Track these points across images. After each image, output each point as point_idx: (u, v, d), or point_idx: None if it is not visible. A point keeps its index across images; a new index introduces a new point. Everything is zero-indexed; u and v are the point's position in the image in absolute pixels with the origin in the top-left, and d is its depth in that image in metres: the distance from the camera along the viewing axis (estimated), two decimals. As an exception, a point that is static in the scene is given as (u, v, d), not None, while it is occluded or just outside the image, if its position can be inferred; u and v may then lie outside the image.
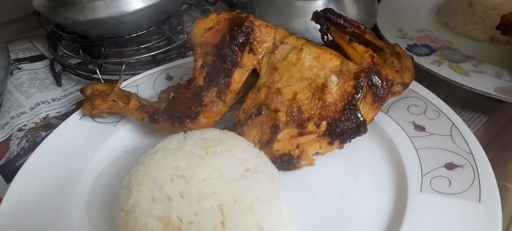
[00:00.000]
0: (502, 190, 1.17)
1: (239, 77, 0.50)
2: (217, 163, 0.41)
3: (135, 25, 0.70)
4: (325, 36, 0.52)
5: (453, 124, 0.51)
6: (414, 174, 0.46)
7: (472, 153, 0.47)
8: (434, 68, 0.61)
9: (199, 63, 0.51)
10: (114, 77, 0.71)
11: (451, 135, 0.49)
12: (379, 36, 0.70)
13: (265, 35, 0.50)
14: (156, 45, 0.74)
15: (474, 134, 0.59)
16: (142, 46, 0.73)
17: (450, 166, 0.46)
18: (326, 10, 0.51)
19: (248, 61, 0.50)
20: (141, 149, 0.50)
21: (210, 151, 0.42)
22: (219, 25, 0.51)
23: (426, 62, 0.62)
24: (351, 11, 0.69)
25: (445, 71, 0.60)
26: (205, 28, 0.51)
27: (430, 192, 0.44)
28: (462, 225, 0.40)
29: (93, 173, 0.51)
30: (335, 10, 0.52)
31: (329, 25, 0.51)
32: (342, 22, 0.50)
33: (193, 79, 0.51)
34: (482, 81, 0.58)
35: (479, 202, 0.42)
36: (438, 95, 0.65)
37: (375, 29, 0.72)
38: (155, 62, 0.71)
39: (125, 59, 0.68)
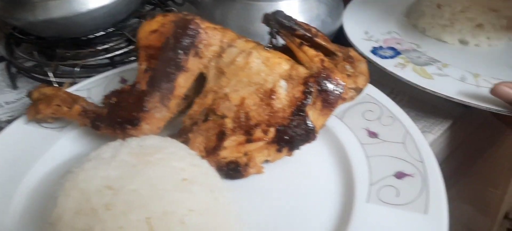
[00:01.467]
0: (483, 195, 1.16)
1: (184, 81, 0.48)
2: (150, 172, 0.39)
3: (92, 26, 0.68)
4: (274, 40, 0.50)
5: (407, 130, 0.49)
6: (362, 183, 0.44)
7: (423, 161, 0.45)
8: (397, 71, 0.59)
9: (143, 67, 0.49)
10: (69, 81, 0.68)
11: (404, 142, 0.47)
12: (345, 38, 0.68)
13: (212, 38, 0.48)
14: (115, 47, 0.72)
15: (436, 140, 0.58)
16: (100, 48, 0.71)
17: (399, 175, 0.44)
18: (276, 13, 0.49)
19: (194, 65, 0.48)
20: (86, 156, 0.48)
21: (144, 160, 0.40)
22: (164, 28, 0.49)
23: (389, 65, 0.60)
24: (315, 13, 0.67)
25: (408, 74, 0.58)
26: (150, 30, 0.49)
27: (376, 202, 0.42)
28: (406, 237, 0.39)
29: (33, 182, 0.49)
30: (286, 13, 0.50)
31: (279, 28, 0.49)
32: (292, 25, 0.48)
33: (136, 84, 0.49)
34: (445, 85, 0.56)
35: (426, 213, 0.40)
36: (402, 99, 0.63)
37: (341, 32, 0.71)
38: (112, 64, 0.69)
39: (78, 61, 0.66)
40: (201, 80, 0.50)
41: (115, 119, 0.48)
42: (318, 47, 0.49)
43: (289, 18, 0.48)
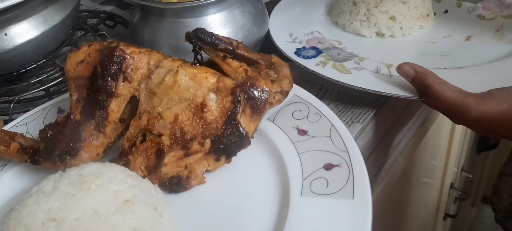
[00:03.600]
0: (428, 169, 1.23)
1: (116, 107, 0.50)
2: (91, 199, 0.41)
3: (21, 61, 0.68)
4: (199, 56, 0.52)
5: (332, 124, 0.53)
6: (296, 179, 0.48)
7: (348, 151, 0.49)
8: (319, 69, 0.63)
9: (74, 97, 0.50)
10: (5, 118, 0.68)
11: (330, 136, 0.51)
12: (272, 42, 0.72)
13: (138, 62, 0.50)
14: (49, 78, 0.72)
15: (363, 127, 0.63)
16: (33, 81, 0.71)
17: (328, 166, 0.48)
18: (196, 30, 0.51)
19: (124, 90, 0.50)
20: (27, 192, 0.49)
21: (84, 188, 0.42)
22: (90, 57, 0.50)
23: (312, 64, 0.64)
24: (240, 23, 0.70)
25: (328, 71, 0.62)
26: (76, 61, 0.50)
27: (309, 195, 0.46)
28: (337, 223, 0.42)
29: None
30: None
31: (201, 45, 0.51)
32: (213, 40, 0.51)
33: (70, 115, 0.50)
34: (361, 78, 0.60)
35: (353, 198, 0.44)
36: (331, 94, 0.68)
37: (268, 36, 0.74)
38: (49, 96, 0.69)
39: (13, 97, 0.66)
40: (135, 102, 0.52)
41: (54, 151, 0.49)
42: (241, 58, 0.52)
43: (210, 34, 0.51)
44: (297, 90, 0.58)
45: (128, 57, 0.50)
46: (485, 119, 0.51)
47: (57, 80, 0.70)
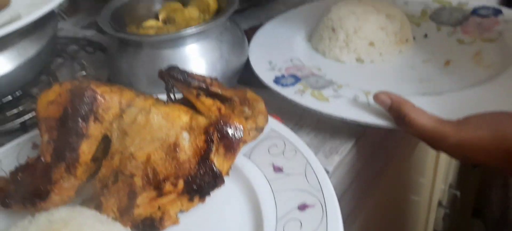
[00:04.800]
0: (415, 186, 1.23)
1: (87, 148, 0.49)
2: (59, 249, 0.40)
3: (-4, 94, 0.67)
4: (172, 95, 0.52)
5: (307, 161, 0.52)
6: (270, 219, 0.47)
7: (322, 191, 0.48)
8: (297, 98, 0.63)
9: (45, 138, 0.49)
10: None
11: (305, 173, 0.51)
12: (251, 71, 0.71)
13: (109, 102, 0.50)
14: (26, 110, 0.71)
15: (343, 159, 0.62)
16: (9, 114, 0.70)
17: (302, 207, 0.47)
18: (169, 68, 0.51)
19: (95, 130, 0.49)
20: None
21: (52, 236, 0.41)
22: (61, 97, 0.49)
23: (290, 92, 0.64)
24: (218, 53, 0.69)
25: (306, 99, 0.62)
26: (47, 101, 0.50)
27: (283, 237, 0.45)
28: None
29: None
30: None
31: (174, 83, 0.51)
32: (185, 78, 0.50)
33: (40, 157, 0.49)
34: (340, 107, 0.60)
35: (326, 241, 0.43)
36: (311, 123, 0.67)
37: (248, 64, 0.74)
38: (24, 129, 0.68)
39: (-13, 132, 0.65)
40: (107, 141, 0.51)
41: (24, 194, 0.48)
42: (215, 96, 0.51)
43: (183, 72, 0.51)
44: (273, 124, 0.57)
45: (99, 97, 0.49)
46: (463, 145, 0.51)
47: (33, 113, 0.69)
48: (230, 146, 0.49)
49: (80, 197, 0.52)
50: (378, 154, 0.76)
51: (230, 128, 0.49)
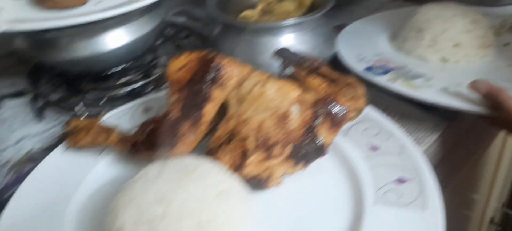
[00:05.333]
0: (468, 202, 1.24)
1: (210, 110, 0.56)
2: (193, 186, 0.47)
3: (113, 62, 0.75)
4: (284, 71, 0.58)
5: (404, 143, 0.57)
6: (369, 189, 0.52)
7: (420, 168, 0.53)
8: (389, 85, 0.68)
9: (174, 98, 0.56)
10: (94, 112, 0.75)
11: (401, 153, 0.56)
12: (340, 61, 0.77)
13: (231, 72, 0.56)
14: (133, 79, 0.79)
15: (426, 150, 0.66)
16: (119, 82, 0.78)
17: (400, 181, 0.52)
18: (283, 49, 0.57)
19: (218, 95, 0.56)
20: (124, 177, 0.55)
21: (187, 175, 0.48)
22: (190, 64, 0.56)
23: (382, 80, 0.69)
24: (311, 44, 0.75)
25: (398, 87, 0.67)
26: (177, 67, 0.57)
27: (383, 204, 0.50)
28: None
29: (79, 202, 0.55)
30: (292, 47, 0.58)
31: (290, 62, 0.57)
32: (299, 58, 0.56)
33: (169, 113, 0.56)
34: (431, 94, 0.65)
35: (425, 210, 0.48)
36: (394, 116, 0.72)
37: (335, 56, 0.79)
38: (132, 95, 0.76)
39: (105, 93, 0.73)
40: (221, 109, 0.58)
41: (153, 143, 0.55)
42: (322, 77, 0.57)
43: (296, 54, 0.57)
44: (368, 111, 0.63)
45: (224, 66, 0.56)
46: None
47: (141, 83, 0.77)
48: (334, 122, 0.55)
49: (192, 153, 0.58)
50: (453, 154, 0.79)
51: (336, 105, 0.55)
